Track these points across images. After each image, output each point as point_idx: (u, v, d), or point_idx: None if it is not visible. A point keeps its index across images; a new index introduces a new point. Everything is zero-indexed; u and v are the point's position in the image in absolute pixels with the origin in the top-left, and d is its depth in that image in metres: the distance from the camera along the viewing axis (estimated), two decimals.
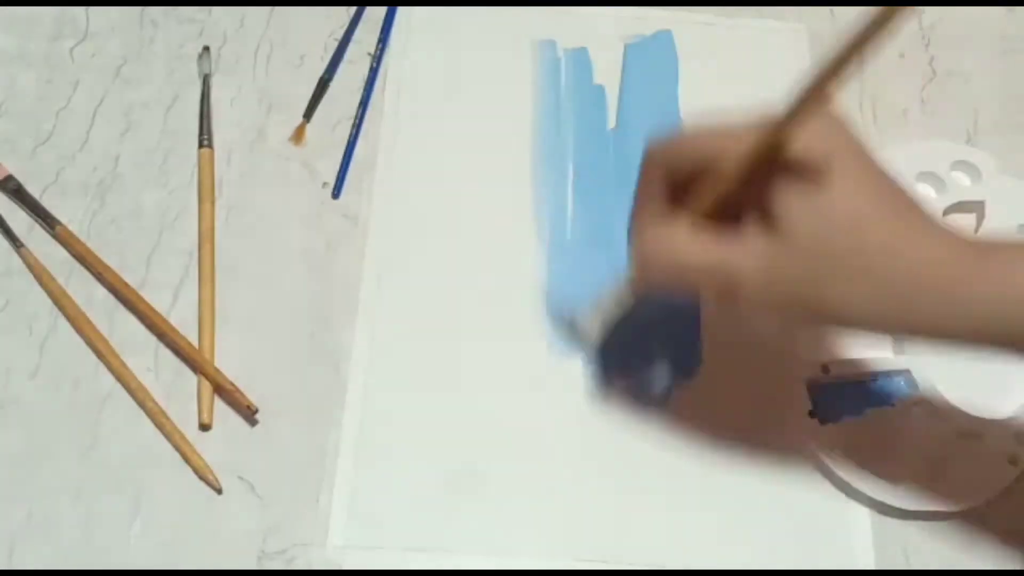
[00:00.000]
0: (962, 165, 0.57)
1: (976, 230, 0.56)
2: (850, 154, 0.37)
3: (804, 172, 0.36)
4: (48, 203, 0.54)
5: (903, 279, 0.36)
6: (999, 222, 0.56)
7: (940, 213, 0.56)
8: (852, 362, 0.52)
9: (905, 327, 0.38)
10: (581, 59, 0.61)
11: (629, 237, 0.43)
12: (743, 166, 0.37)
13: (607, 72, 0.61)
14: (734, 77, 0.61)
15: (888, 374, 0.52)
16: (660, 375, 0.52)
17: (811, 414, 0.50)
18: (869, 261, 0.36)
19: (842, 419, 0.50)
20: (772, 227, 0.37)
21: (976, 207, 0.57)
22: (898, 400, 0.51)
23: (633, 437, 0.50)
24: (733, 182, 0.38)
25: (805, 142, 0.37)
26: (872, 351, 0.52)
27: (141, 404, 0.49)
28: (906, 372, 0.51)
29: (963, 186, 0.57)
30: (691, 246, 0.39)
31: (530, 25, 0.62)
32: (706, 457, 0.50)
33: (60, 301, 0.52)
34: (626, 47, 0.61)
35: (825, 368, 0.51)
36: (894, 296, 0.36)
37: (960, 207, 0.57)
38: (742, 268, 0.38)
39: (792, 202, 0.37)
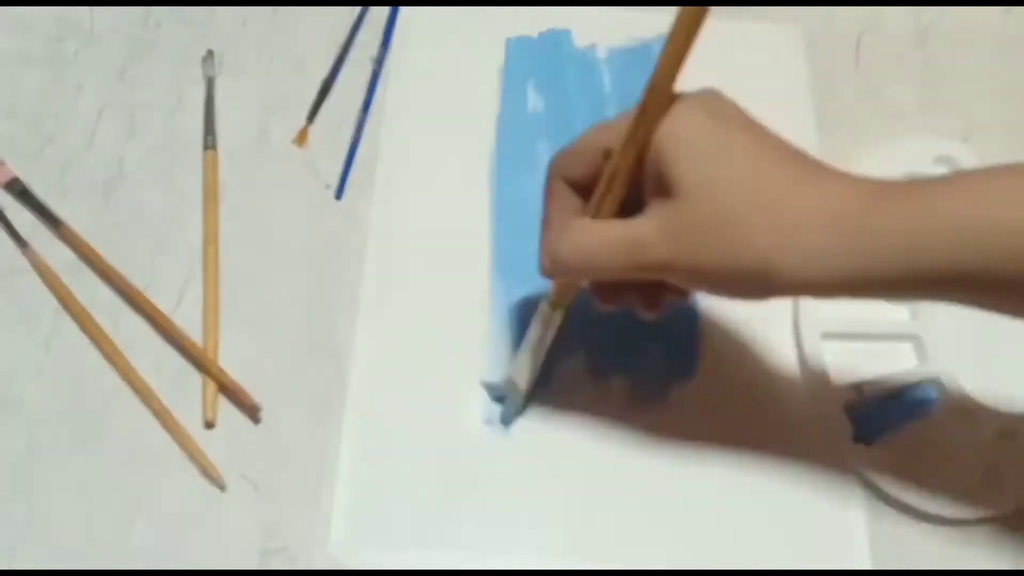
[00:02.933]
0: (943, 160, 0.57)
1: None
2: (736, 121, 0.39)
3: (693, 148, 0.38)
4: (53, 204, 0.55)
5: (821, 214, 0.36)
6: None
7: None
8: (883, 378, 0.51)
9: (831, 272, 0.36)
10: (584, 59, 0.61)
11: (540, 243, 0.43)
12: (627, 152, 0.39)
13: (608, 71, 0.61)
14: (733, 77, 0.61)
15: (918, 384, 0.51)
16: (658, 375, 0.52)
17: (855, 439, 0.50)
18: (781, 199, 0.37)
19: (884, 437, 0.50)
20: (670, 194, 0.38)
21: None
22: (934, 408, 0.51)
23: (632, 437, 0.50)
24: (623, 172, 0.39)
25: (685, 121, 0.38)
26: (898, 362, 0.52)
27: (146, 403, 0.50)
28: (935, 378, 0.51)
29: None
30: (596, 228, 0.40)
31: (533, 26, 0.62)
32: (704, 458, 0.50)
33: (65, 301, 0.52)
34: (627, 47, 0.62)
35: (859, 389, 0.51)
36: (813, 233, 0.36)
37: None
38: (645, 232, 0.38)
39: (684, 169, 0.38)
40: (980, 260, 0.35)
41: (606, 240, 0.40)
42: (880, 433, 0.50)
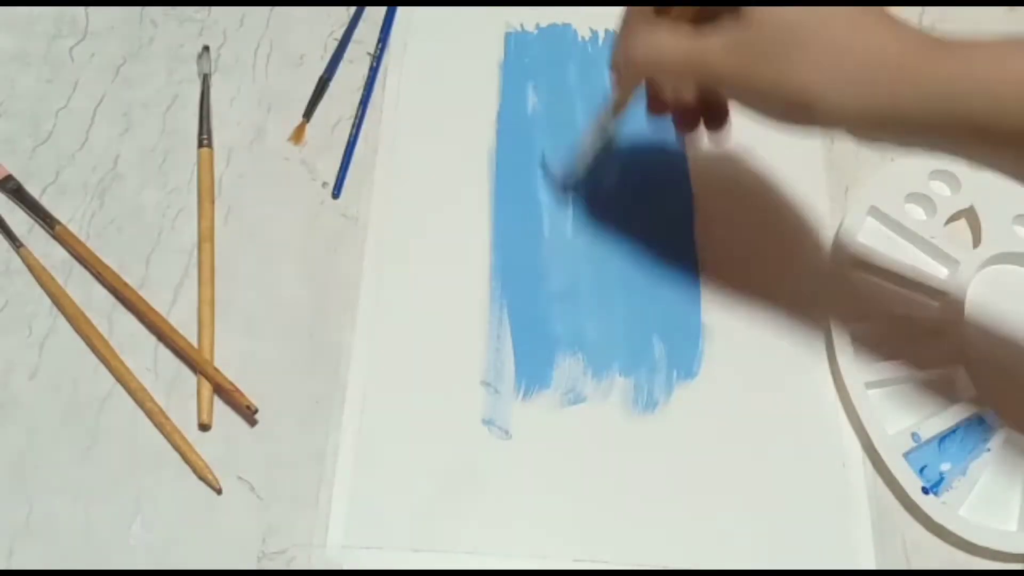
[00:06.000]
0: (939, 175, 0.57)
1: (975, 243, 0.56)
2: None
3: None
4: (48, 203, 0.54)
5: (866, 56, 0.39)
6: (995, 220, 0.55)
7: (942, 225, 0.56)
8: (934, 420, 0.50)
9: (866, 109, 0.39)
10: (585, 54, 0.61)
11: (615, 42, 0.46)
12: None
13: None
14: None
15: (969, 419, 0.50)
16: (661, 376, 0.52)
17: (924, 491, 0.49)
18: (833, 38, 0.39)
19: (952, 484, 0.49)
20: (741, 17, 0.41)
21: (968, 214, 0.57)
22: (991, 442, 0.50)
23: (633, 437, 0.50)
24: None
25: None
26: (946, 397, 0.52)
27: (140, 404, 0.49)
28: (984, 410, 0.51)
29: (945, 196, 0.57)
30: (670, 38, 0.43)
31: (532, 22, 0.62)
32: (706, 458, 0.50)
33: (60, 301, 0.52)
34: None
35: (914, 436, 0.50)
36: (856, 71, 0.39)
37: (954, 218, 0.56)
38: (714, 50, 0.42)
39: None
40: (1019, 115, 0.37)
41: (677, 51, 0.43)
42: (945, 480, 0.49)
